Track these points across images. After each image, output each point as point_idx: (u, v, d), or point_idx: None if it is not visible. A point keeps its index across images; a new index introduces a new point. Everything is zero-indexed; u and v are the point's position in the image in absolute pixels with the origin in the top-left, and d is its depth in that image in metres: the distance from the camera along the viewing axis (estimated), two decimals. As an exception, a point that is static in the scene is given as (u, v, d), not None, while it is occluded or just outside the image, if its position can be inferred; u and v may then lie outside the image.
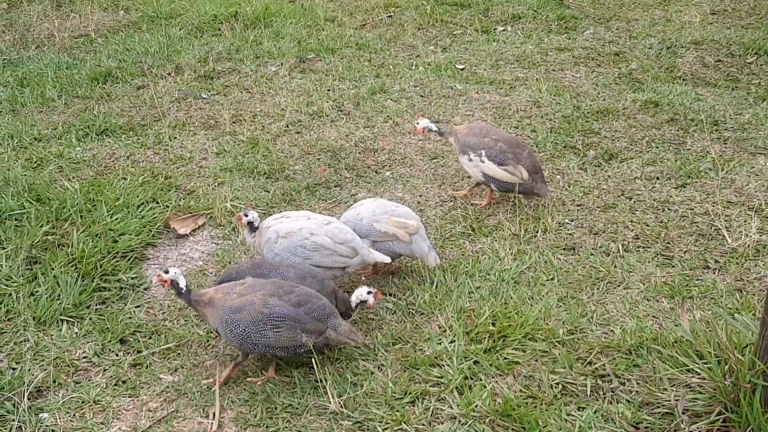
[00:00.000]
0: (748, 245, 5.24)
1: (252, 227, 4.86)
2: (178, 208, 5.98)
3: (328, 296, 4.37)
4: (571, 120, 7.34)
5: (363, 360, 4.32)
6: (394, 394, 4.04)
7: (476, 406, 3.90)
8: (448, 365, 4.20)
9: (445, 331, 4.50)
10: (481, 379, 4.12)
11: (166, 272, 4.14)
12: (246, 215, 4.82)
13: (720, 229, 5.45)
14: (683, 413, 3.74)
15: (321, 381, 4.13)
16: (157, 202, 6.03)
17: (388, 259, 4.87)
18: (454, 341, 4.39)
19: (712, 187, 5.99)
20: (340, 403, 3.97)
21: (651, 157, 6.57)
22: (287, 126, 7.53)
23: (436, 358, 4.27)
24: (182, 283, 4.15)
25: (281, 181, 6.49)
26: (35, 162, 6.76)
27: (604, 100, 7.76)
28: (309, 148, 7.07)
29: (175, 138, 7.27)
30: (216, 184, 6.42)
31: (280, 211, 6.01)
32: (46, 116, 7.85)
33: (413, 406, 3.98)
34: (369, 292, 4.45)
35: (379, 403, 4.00)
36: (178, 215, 5.87)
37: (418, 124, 6.09)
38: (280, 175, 6.59)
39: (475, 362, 4.24)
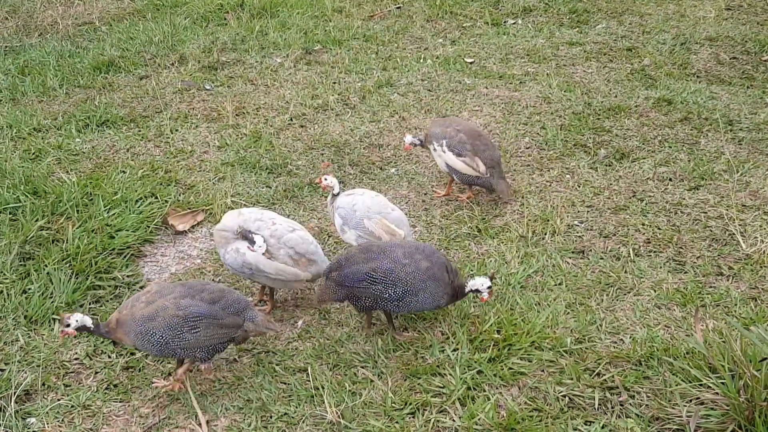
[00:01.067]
0: (764, 251, 5.06)
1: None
2: (177, 204, 5.83)
3: (440, 269, 4.27)
4: (582, 117, 7.16)
5: (363, 367, 4.17)
6: (393, 405, 3.89)
7: (479, 419, 3.75)
8: (450, 374, 4.05)
9: (448, 338, 4.35)
10: (484, 390, 3.97)
11: (68, 325, 3.87)
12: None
13: (734, 233, 5.27)
14: (695, 431, 3.58)
15: (318, 389, 3.98)
16: (156, 197, 5.89)
17: None
18: (458, 349, 4.23)
19: (726, 190, 5.81)
20: (337, 413, 3.82)
21: (664, 157, 6.39)
22: (291, 119, 7.37)
23: (438, 366, 4.12)
24: (89, 323, 3.90)
25: (283, 177, 6.33)
26: (33, 153, 6.63)
27: (615, 96, 7.57)
28: (313, 142, 6.91)
29: (176, 130, 7.12)
30: (217, 178, 6.27)
31: (282, 207, 5.88)
32: (47, 106, 7.71)
33: (413, 417, 3.83)
34: (488, 287, 4.34)
35: (378, 414, 3.85)
36: (177, 211, 5.73)
37: (405, 141, 6.03)
38: (282, 170, 6.43)
39: (479, 372, 4.09)
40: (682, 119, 7.00)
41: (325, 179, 5.06)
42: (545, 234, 5.41)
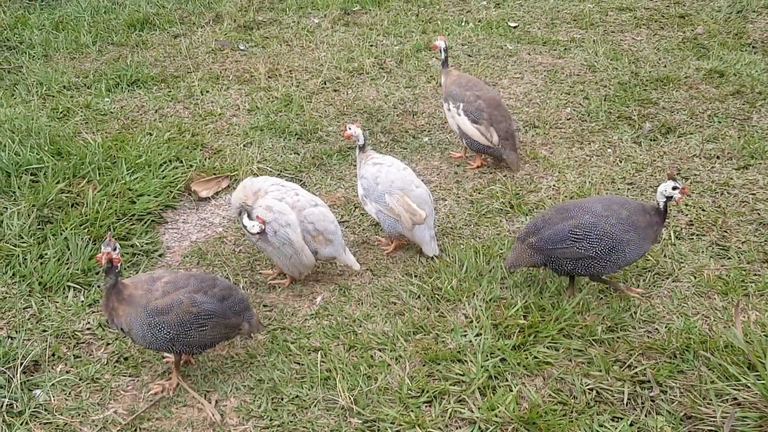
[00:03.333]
0: (815, 239, 4.74)
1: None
2: (202, 169, 5.68)
3: (639, 214, 4.11)
4: (628, 88, 6.82)
5: (380, 350, 3.99)
6: (410, 392, 3.70)
7: (499, 411, 3.54)
8: (471, 362, 3.84)
9: (471, 322, 4.14)
10: (506, 380, 3.76)
11: (115, 249, 3.55)
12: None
13: (784, 219, 4.95)
14: (730, 434, 3.34)
15: (332, 371, 3.82)
16: (181, 161, 5.74)
17: (357, 266, 4.53)
18: (481, 334, 4.02)
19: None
20: (350, 398, 3.65)
21: (712, 133, 6.04)
22: (324, 83, 7.16)
23: (459, 352, 3.92)
24: (118, 263, 3.59)
25: (313, 143, 6.14)
26: (61, 112, 6.51)
27: (665, 66, 7.20)
28: (345, 107, 6.70)
29: (207, 92, 6.95)
30: (244, 143, 6.09)
31: (309, 175, 5.70)
32: (78, 63, 7.59)
33: (430, 406, 3.64)
34: (675, 187, 4.11)
35: (392, 401, 3.67)
36: (201, 177, 5.57)
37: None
38: (312, 136, 6.24)
39: (502, 360, 3.88)
40: (734, 93, 6.62)
41: (349, 128, 4.84)
42: (582, 212, 5.14)
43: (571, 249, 4.11)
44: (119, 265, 3.58)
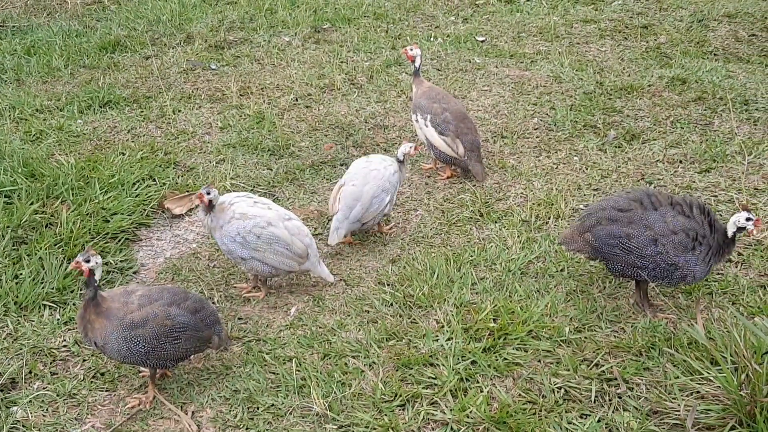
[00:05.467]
0: (775, 237, 4.88)
1: (210, 206, 4.44)
2: (176, 187, 5.74)
3: (697, 229, 3.99)
4: (593, 97, 6.97)
5: (354, 357, 4.07)
6: (383, 396, 3.78)
7: (470, 412, 3.63)
8: (443, 365, 3.93)
9: (442, 327, 4.23)
10: (477, 382, 3.85)
11: (87, 261, 3.62)
12: (208, 193, 4.38)
13: (745, 218, 5.08)
14: (693, 426, 3.44)
15: (307, 379, 3.89)
16: (154, 180, 5.80)
17: (331, 279, 4.62)
18: (452, 339, 4.11)
19: (738, 173, 5.62)
20: (324, 404, 3.72)
21: (675, 139, 6.20)
22: (296, 100, 7.26)
23: (431, 356, 4.00)
24: (98, 274, 3.69)
25: (285, 159, 6.22)
26: (34, 135, 6.55)
27: (629, 75, 7.37)
28: (317, 123, 6.79)
29: (179, 111, 7.02)
30: (217, 160, 6.16)
31: (282, 190, 5.78)
32: (51, 86, 7.64)
33: (403, 410, 3.71)
34: (749, 219, 3.96)
35: (366, 406, 3.74)
36: (174, 194, 5.63)
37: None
38: (284, 152, 6.32)
39: (473, 362, 3.97)
40: (696, 99, 6.79)
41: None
42: (549, 218, 5.27)
43: (622, 258, 4.11)
44: (97, 278, 3.63)
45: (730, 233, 4.08)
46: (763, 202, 5.24)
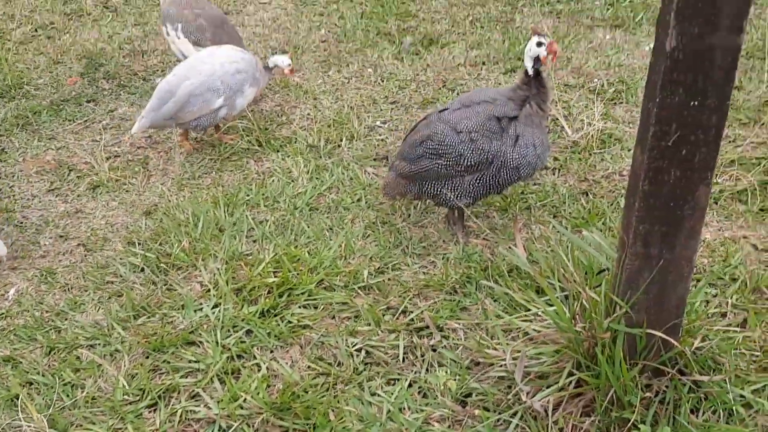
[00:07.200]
0: (592, 136, 4.27)
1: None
2: None
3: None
4: (385, 3, 6.15)
5: (89, 347, 3.07)
6: (126, 397, 2.82)
7: (244, 401, 2.75)
8: (207, 342, 3.01)
9: (208, 290, 3.30)
10: (254, 357, 2.97)
11: None
12: None
13: (558, 118, 4.46)
14: (523, 379, 2.73)
15: (23, 386, 2.87)
16: None
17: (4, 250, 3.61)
18: (220, 305, 3.20)
19: (546, 68, 4.97)
20: (43, 419, 2.72)
21: (476, 40, 5.49)
22: (36, 30, 5.98)
23: (191, 333, 3.07)
24: None
25: (17, 100, 5.01)
26: None
27: (422, -25, 6.58)
28: (60, 55, 5.58)
29: None
30: (-76, 111, 4.86)
31: (10, 138, 4.61)
32: None
33: (154, 412, 2.78)
34: (540, 43, 3.21)
35: (103, 413, 2.78)
36: None
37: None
38: (16, 92, 5.10)
39: (248, 332, 3.08)
40: (496, -6, 6.11)
41: None
42: (341, 140, 4.43)
43: (431, 170, 3.38)
44: None
45: (530, 71, 3.30)
46: (576, 98, 4.64)
